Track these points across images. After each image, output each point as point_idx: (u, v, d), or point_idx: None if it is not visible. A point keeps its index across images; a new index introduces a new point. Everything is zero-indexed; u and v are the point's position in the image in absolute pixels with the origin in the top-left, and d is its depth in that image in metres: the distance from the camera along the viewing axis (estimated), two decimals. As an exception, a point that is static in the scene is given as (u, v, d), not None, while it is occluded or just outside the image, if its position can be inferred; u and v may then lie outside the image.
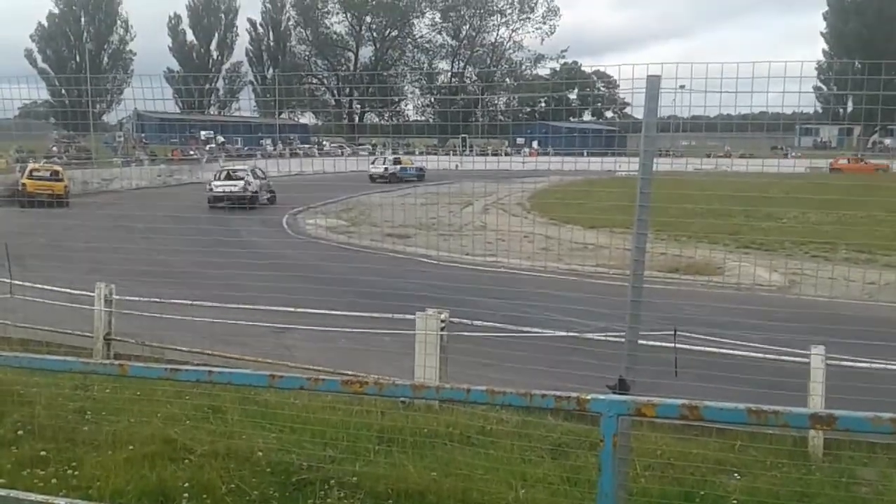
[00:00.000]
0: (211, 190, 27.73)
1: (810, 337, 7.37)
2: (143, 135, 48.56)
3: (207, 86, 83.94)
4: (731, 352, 7.84)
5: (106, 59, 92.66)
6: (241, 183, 28.28)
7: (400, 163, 36.41)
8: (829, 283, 11.88)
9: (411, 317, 8.37)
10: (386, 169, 34.88)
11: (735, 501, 5.28)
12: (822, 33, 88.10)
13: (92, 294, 10.03)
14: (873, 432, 3.17)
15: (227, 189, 27.71)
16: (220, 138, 53.72)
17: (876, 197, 11.84)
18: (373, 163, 35.19)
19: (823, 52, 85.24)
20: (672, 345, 6.23)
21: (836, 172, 37.36)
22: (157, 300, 10.26)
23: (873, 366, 7.50)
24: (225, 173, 29.16)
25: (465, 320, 8.53)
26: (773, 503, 5.28)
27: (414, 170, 34.89)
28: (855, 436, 6.48)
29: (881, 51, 65.67)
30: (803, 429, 6.42)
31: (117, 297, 10.08)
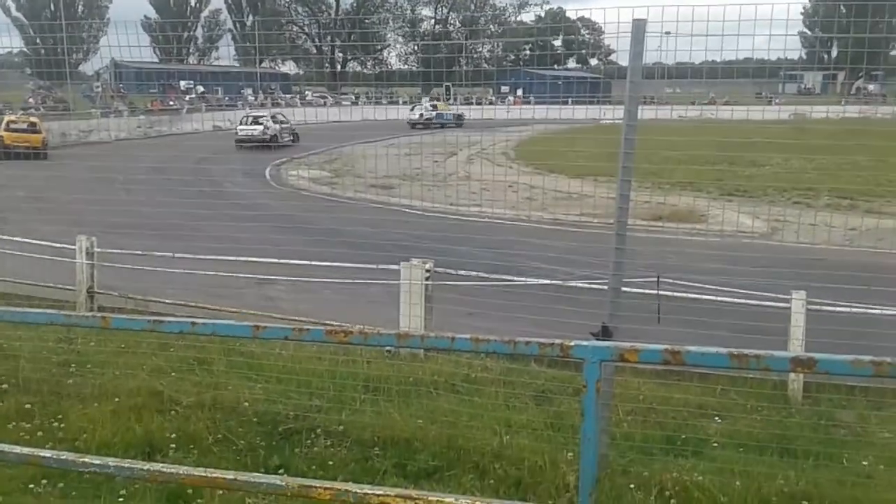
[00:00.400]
0: (237, 133, 31.01)
1: (792, 282, 7.44)
2: (121, 84, 47.63)
3: (186, 34, 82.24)
4: (713, 298, 7.90)
5: (81, 6, 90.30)
6: (261, 127, 32.24)
7: (437, 109, 37.88)
8: (810, 229, 11.98)
9: (396, 267, 8.37)
10: (421, 115, 36.19)
11: (716, 444, 5.38)
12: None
13: (73, 247, 9.93)
14: (853, 375, 3.21)
15: (249, 133, 31.75)
16: (200, 88, 52.82)
17: (859, 142, 11.85)
18: (411, 110, 36.33)
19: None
20: (655, 292, 6.26)
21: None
22: (140, 253, 10.18)
23: (853, 310, 7.59)
24: (249, 119, 32.80)
25: (449, 270, 8.53)
26: (754, 445, 5.37)
27: (451, 115, 35.79)
28: (834, 379, 6.59)
29: (867, -6, 65.12)
30: (784, 372, 6.52)
31: (99, 249, 9.99)
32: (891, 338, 6.66)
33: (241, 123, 32.91)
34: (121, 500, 4.46)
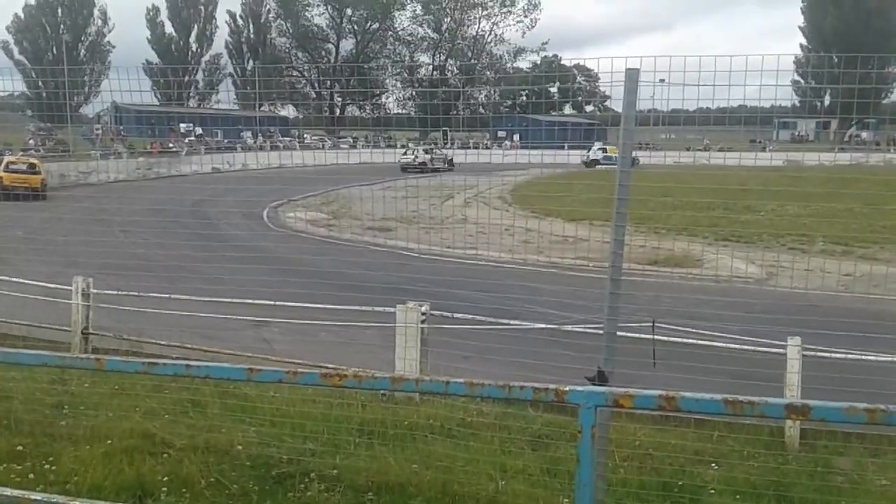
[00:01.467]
0: (400, 161, 35.51)
1: (787, 328, 7.45)
2: (121, 127, 48.02)
3: (186, 78, 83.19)
4: (709, 343, 7.91)
5: (83, 50, 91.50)
6: (412, 156, 38.64)
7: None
8: (805, 274, 12.02)
9: (392, 310, 8.37)
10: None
11: (713, 491, 5.34)
12: (800, 27, 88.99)
13: (69, 288, 9.94)
14: (848, 422, 3.21)
15: (410, 160, 37.77)
16: (199, 130, 53.36)
17: (853, 190, 11.98)
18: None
19: (801, 46, 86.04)
20: (651, 336, 6.27)
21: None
22: (136, 294, 10.18)
23: (848, 356, 7.59)
24: (411, 151, 39.07)
25: (445, 313, 8.54)
26: (751, 492, 5.33)
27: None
28: (830, 426, 6.56)
29: (858, 44, 66.34)
30: (779, 419, 6.49)
31: (95, 290, 9.99)
32: (887, 384, 6.65)
33: (404, 155, 38.54)
34: (111, 544, 4.41)
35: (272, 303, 9.60)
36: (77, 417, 6.45)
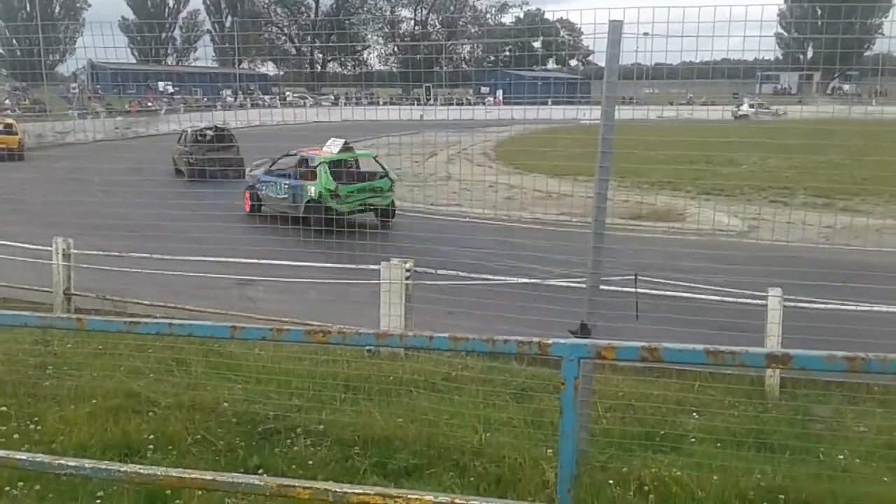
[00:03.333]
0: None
1: (768, 279, 7.52)
2: (97, 86, 47.23)
3: (164, 35, 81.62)
4: (691, 295, 7.97)
5: (58, 7, 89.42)
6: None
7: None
8: (786, 227, 12.10)
9: (376, 267, 8.36)
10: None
11: (693, 440, 5.42)
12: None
13: (50, 249, 9.84)
14: (827, 370, 3.27)
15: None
16: (170, 88, 52.70)
17: (834, 141, 12.00)
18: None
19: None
20: (634, 290, 6.31)
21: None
22: (118, 254, 10.10)
23: (828, 306, 7.69)
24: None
25: (429, 269, 8.54)
26: (731, 441, 5.43)
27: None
28: (810, 374, 6.67)
29: (842, -5, 65.83)
30: (759, 368, 6.59)
31: (75, 251, 9.90)
32: (865, 333, 6.74)
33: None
34: (98, 501, 4.43)
35: (256, 261, 9.57)
36: (61, 378, 6.44)
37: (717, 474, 4.71)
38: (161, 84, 53.28)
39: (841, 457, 5.18)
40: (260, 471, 4.80)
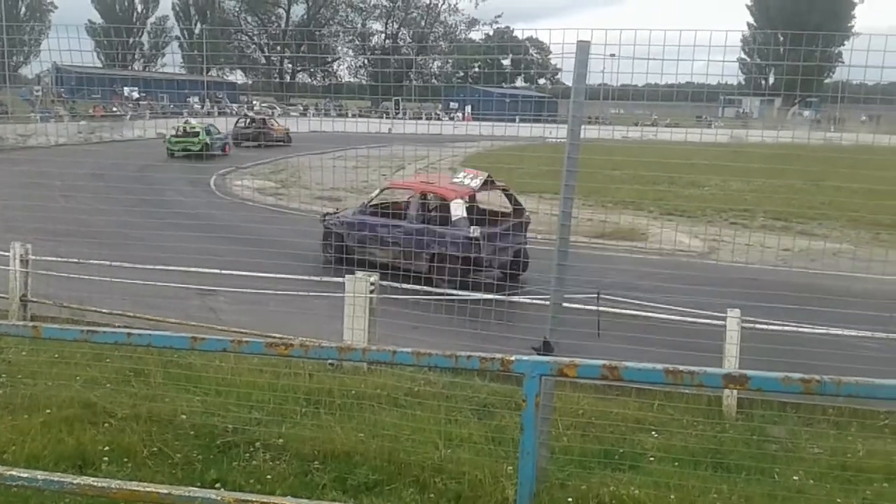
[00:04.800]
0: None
1: (727, 300, 7.64)
2: (62, 89, 46.51)
3: (131, 40, 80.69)
4: (652, 314, 8.06)
5: (23, 8, 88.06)
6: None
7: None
8: (745, 249, 12.32)
9: (341, 280, 8.33)
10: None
11: (652, 458, 5.47)
12: (746, 5, 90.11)
13: (7, 254, 9.64)
14: (784, 392, 3.33)
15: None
16: (136, 94, 52.16)
17: (794, 166, 12.26)
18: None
19: (748, 24, 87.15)
20: (596, 308, 6.37)
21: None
22: (77, 261, 9.92)
23: (785, 328, 7.83)
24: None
25: (394, 283, 8.53)
26: (688, 460, 5.49)
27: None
28: (767, 395, 6.78)
29: (803, 22, 67.34)
30: (717, 388, 6.68)
31: (34, 256, 9.72)
32: (821, 356, 6.87)
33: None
34: (50, 514, 4.34)
35: (219, 271, 9.47)
36: (15, 386, 6.30)
37: (675, 493, 4.76)
38: (127, 89, 52.67)
39: (796, 477, 5.26)
40: (217, 485, 4.74)
